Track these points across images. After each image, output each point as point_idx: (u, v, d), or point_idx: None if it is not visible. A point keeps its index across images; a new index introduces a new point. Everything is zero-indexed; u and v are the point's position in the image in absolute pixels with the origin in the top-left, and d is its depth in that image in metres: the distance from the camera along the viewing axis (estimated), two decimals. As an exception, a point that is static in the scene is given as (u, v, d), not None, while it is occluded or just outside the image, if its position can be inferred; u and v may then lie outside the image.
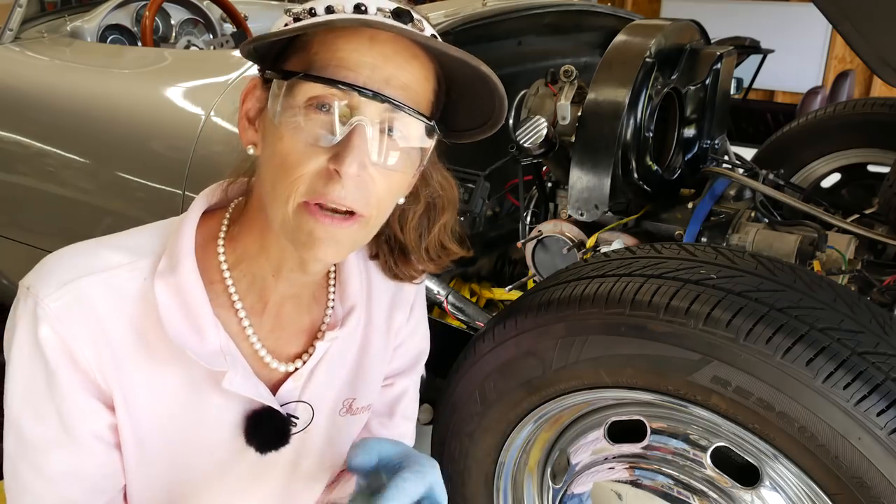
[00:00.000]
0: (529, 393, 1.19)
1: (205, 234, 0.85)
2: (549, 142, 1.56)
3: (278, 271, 0.85)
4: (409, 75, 0.74)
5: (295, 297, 0.89)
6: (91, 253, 0.81)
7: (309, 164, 0.73)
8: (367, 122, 0.73)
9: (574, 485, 1.25)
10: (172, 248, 0.82)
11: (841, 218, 1.67)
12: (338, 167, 0.72)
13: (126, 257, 0.81)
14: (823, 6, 1.24)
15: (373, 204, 0.76)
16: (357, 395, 0.97)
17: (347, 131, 0.72)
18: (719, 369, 1.00)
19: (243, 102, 0.82)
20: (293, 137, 0.73)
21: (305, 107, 0.73)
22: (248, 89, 0.81)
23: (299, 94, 0.73)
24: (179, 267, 0.80)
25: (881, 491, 0.92)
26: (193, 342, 0.80)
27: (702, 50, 1.84)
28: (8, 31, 2.15)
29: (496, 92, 0.77)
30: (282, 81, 0.74)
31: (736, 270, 1.09)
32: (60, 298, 0.77)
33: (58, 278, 0.78)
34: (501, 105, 0.78)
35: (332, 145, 0.73)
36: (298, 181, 0.73)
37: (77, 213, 1.79)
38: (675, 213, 1.72)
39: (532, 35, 2.08)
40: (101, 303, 0.78)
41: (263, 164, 0.78)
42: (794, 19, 6.96)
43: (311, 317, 0.92)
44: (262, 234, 0.83)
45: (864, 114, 2.34)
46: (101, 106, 1.77)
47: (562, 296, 1.16)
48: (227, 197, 0.90)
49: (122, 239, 0.84)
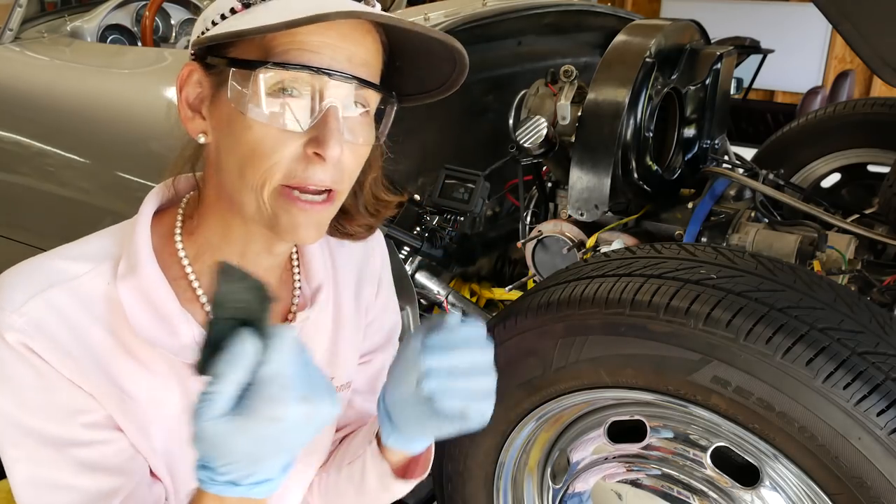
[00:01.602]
0: (529, 393, 1.19)
1: (161, 232, 0.85)
2: (549, 142, 1.56)
3: (243, 257, 0.85)
4: (365, 51, 0.76)
5: None
6: (49, 266, 0.80)
7: (283, 149, 0.74)
8: (338, 103, 0.74)
9: (574, 484, 1.26)
10: (129, 250, 0.81)
11: (841, 218, 1.67)
12: (319, 151, 0.73)
13: (86, 265, 0.80)
14: (823, 6, 1.24)
15: (346, 179, 0.78)
16: (335, 373, 0.98)
17: (321, 114, 0.74)
18: (719, 369, 1.00)
19: (181, 90, 0.80)
20: (263, 124, 0.73)
21: (273, 93, 0.73)
22: (183, 77, 0.80)
23: (265, 80, 0.73)
24: (139, 268, 0.80)
25: (881, 491, 0.93)
26: (166, 339, 0.80)
27: (702, 50, 1.84)
28: (8, 31, 2.15)
29: (458, 59, 0.78)
30: (245, 71, 0.73)
31: (736, 270, 1.09)
32: (27, 314, 0.76)
33: (21, 293, 0.77)
34: (461, 72, 0.80)
35: (306, 129, 0.74)
36: (274, 168, 0.74)
37: (77, 213, 1.79)
38: (675, 213, 1.72)
39: (532, 35, 2.08)
40: (72, 312, 0.78)
41: (224, 152, 0.78)
42: (794, 19, 6.96)
43: (282, 301, 0.92)
44: (223, 223, 0.83)
45: (864, 114, 2.34)
46: (101, 106, 1.77)
47: (562, 296, 1.16)
48: (176, 194, 0.90)
49: (76, 248, 0.83)
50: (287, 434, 0.62)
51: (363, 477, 0.93)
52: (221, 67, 0.76)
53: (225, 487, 0.63)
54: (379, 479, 0.92)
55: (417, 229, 1.67)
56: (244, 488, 0.63)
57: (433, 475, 1.40)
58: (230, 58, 0.75)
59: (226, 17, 0.76)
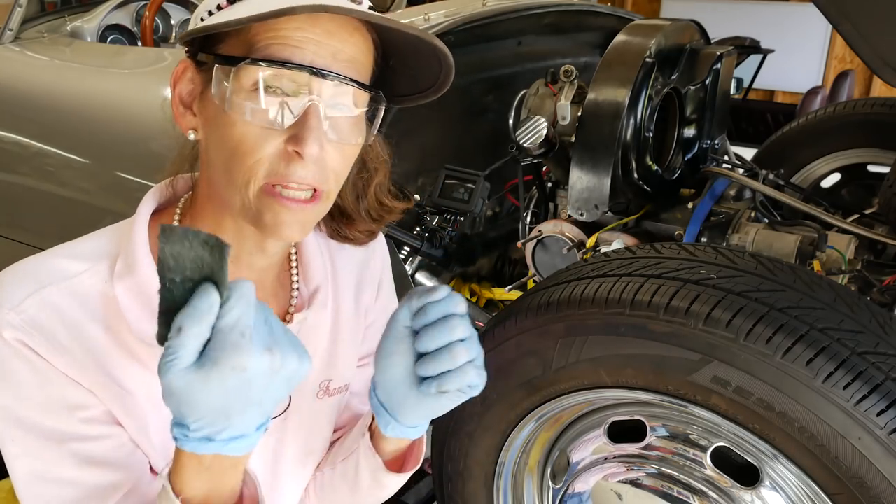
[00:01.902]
0: (529, 393, 1.19)
1: (158, 232, 0.85)
2: (549, 142, 1.56)
3: (238, 256, 0.85)
4: (353, 48, 0.75)
5: (258, 282, 0.90)
6: (47, 264, 0.80)
7: (266, 146, 0.73)
8: (319, 100, 0.73)
9: (574, 484, 1.26)
10: (126, 249, 0.82)
11: (841, 218, 1.67)
12: (298, 148, 0.72)
13: (84, 264, 0.81)
14: (823, 6, 1.24)
15: (331, 179, 0.78)
16: (333, 376, 0.98)
17: (302, 112, 0.73)
18: (719, 369, 1.00)
19: (175, 87, 0.80)
20: (245, 121, 0.73)
21: (254, 89, 0.73)
22: (178, 73, 0.80)
23: (246, 77, 0.73)
24: (136, 267, 0.80)
25: (881, 491, 0.92)
26: None
27: (702, 50, 1.84)
28: (8, 31, 2.16)
29: (442, 59, 0.77)
30: (227, 67, 0.73)
31: (736, 270, 1.09)
32: (24, 311, 0.76)
33: (20, 292, 0.77)
34: (448, 72, 0.79)
35: (287, 126, 0.73)
36: (257, 165, 0.74)
37: (77, 213, 1.79)
38: (675, 213, 1.72)
39: (532, 35, 2.08)
40: (69, 310, 0.78)
41: (212, 149, 0.78)
42: (794, 19, 6.96)
43: (277, 302, 0.92)
44: (215, 222, 0.83)
45: (864, 114, 2.34)
46: (101, 106, 1.77)
47: (562, 296, 1.16)
48: (174, 194, 0.90)
49: (74, 247, 0.83)
50: (252, 385, 0.61)
51: (357, 473, 0.93)
52: (209, 64, 0.76)
53: (199, 444, 0.63)
54: (372, 474, 0.91)
55: (417, 229, 1.67)
56: (218, 444, 0.63)
57: (433, 475, 1.40)
58: (216, 54, 0.75)
59: (212, 13, 0.75)
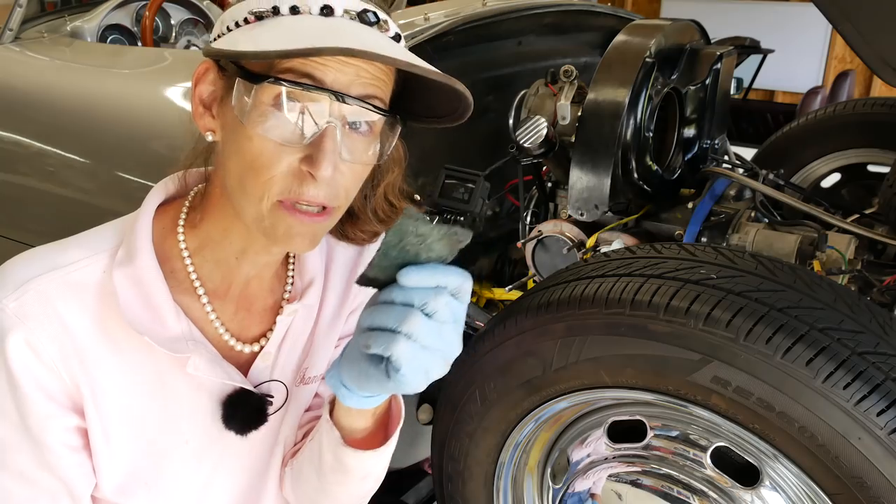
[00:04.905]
0: (529, 393, 1.19)
1: (165, 223, 0.86)
2: (549, 142, 1.56)
3: (243, 254, 0.86)
4: (376, 68, 0.75)
5: (258, 277, 0.91)
6: (48, 254, 0.82)
7: (280, 164, 0.74)
8: (337, 123, 0.74)
9: (574, 484, 1.26)
10: (129, 239, 0.83)
11: (841, 218, 1.67)
12: (312, 170, 0.73)
13: (83, 253, 0.82)
14: (823, 6, 1.24)
15: (342, 196, 0.78)
16: (310, 363, 0.98)
17: (318, 133, 0.73)
18: (719, 369, 1.00)
19: (196, 86, 0.81)
20: (262, 137, 0.74)
21: (273, 106, 0.73)
22: (200, 73, 0.80)
23: (267, 94, 0.73)
24: (137, 256, 0.81)
25: (881, 491, 0.93)
26: (154, 329, 0.81)
27: (702, 50, 1.84)
28: (8, 31, 2.15)
29: (462, 98, 0.77)
30: (249, 84, 0.73)
31: (736, 270, 1.09)
32: (18, 298, 0.78)
33: (14, 279, 0.79)
34: (466, 108, 0.78)
35: (303, 145, 0.74)
36: (271, 182, 0.74)
37: (77, 213, 1.79)
38: (675, 213, 1.72)
39: (532, 35, 2.08)
40: (60, 299, 0.79)
41: (228, 156, 0.78)
42: (794, 19, 6.96)
43: (274, 296, 0.93)
44: (224, 221, 0.84)
45: (864, 114, 2.34)
46: (101, 106, 1.77)
47: (562, 296, 1.16)
48: (185, 186, 0.91)
49: (80, 238, 0.85)
50: None
51: (320, 452, 0.90)
52: (231, 73, 0.76)
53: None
54: (333, 452, 0.88)
55: (417, 229, 1.66)
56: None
57: (433, 475, 1.40)
58: (239, 66, 0.75)
59: (239, 26, 0.76)
